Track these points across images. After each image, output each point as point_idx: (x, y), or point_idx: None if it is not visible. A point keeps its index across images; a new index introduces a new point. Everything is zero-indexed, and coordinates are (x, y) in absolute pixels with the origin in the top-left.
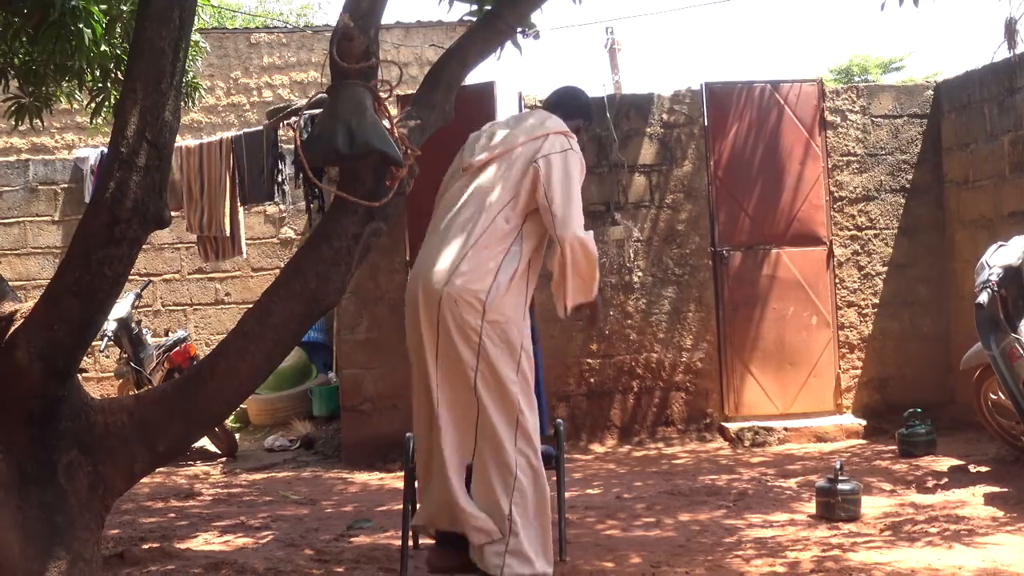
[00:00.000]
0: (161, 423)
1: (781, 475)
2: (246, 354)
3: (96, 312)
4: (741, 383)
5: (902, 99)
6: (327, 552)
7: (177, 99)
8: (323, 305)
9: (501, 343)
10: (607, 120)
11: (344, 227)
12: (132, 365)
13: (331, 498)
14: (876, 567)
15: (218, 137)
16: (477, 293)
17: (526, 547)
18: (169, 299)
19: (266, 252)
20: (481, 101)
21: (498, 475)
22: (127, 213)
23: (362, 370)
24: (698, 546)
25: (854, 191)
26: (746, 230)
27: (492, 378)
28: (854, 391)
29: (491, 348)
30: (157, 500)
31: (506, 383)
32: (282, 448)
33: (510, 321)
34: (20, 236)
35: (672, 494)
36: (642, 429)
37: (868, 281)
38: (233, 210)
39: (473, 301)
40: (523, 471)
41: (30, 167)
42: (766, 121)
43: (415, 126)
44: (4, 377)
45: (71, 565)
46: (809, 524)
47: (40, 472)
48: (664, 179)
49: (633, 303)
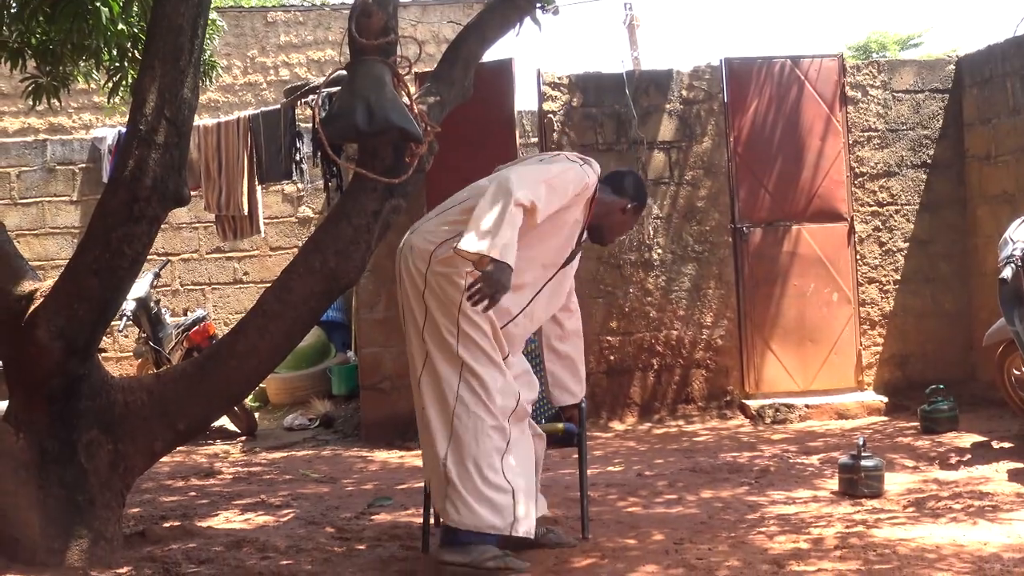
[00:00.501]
0: (181, 402)
1: (803, 452)
2: (266, 332)
3: (116, 290)
4: (761, 360)
5: (923, 74)
6: (348, 530)
7: (196, 76)
8: (343, 283)
9: (442, 294)
10: (626, 97)
11: (363, 204)
12: (151, 345)
13: (351, 476)
14: (900, 543)
15: (236, 116)
16: (429, 244)
17: (465, 496)
18: (187, 279)
19: (284, 231)
20: (499, 78)
21: (438, 421)
22: (146, 191)
23: (381, 348)
24: (721, 523)
25: (875, 167)
26: (766, 206)
27: (434, 328)
28: (875, 368)
29: (432, 298)
30: (177, 479)
31: (443, 333)
32: (301, 427)
33: (455, 275)
34: (38, 216)
35: (693, 471)
36: (662, 407)
37: (889, 257)
38: (251, 189)
39: (424, 250)
40: (459, 419)
41: (48, 147)
42: (786, 97)
43: (434, 102)
44: (25, 356)
45: (92, 543)
46: (832, 501)
47: (60, 451)
48: (684, 156)
49: (653, 280)
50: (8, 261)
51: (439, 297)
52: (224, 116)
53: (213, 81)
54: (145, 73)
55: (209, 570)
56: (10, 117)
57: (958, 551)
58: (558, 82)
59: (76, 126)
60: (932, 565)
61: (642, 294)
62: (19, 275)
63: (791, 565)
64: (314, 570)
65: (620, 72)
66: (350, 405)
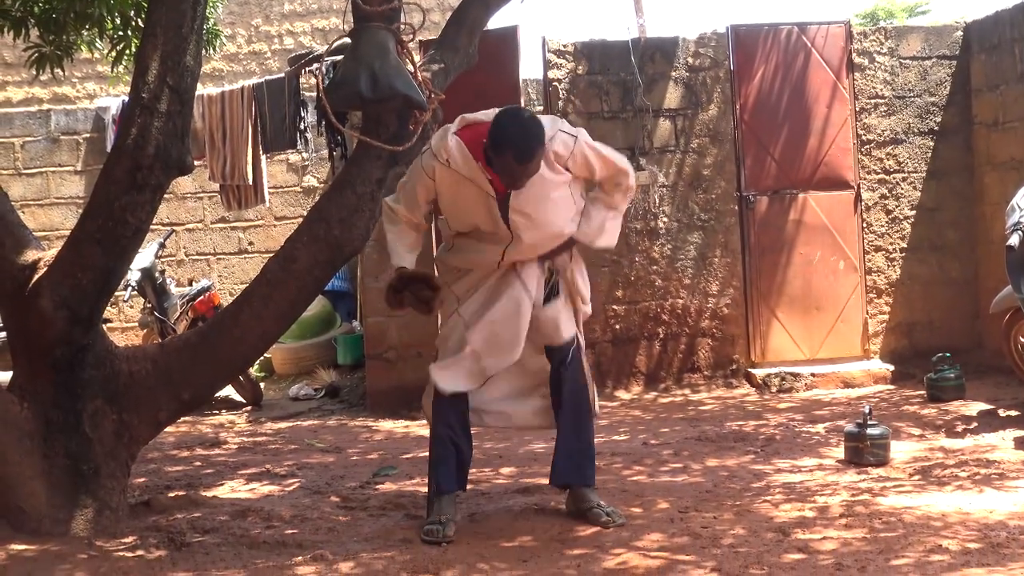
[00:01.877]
0: (186, 371)
1: (809, 421)
2: (270, 301)
3: (119, 260)
4: (767, 329)
5: (931, 40)
6: (353, 499)
7: (199, 44)
8: (347, 251)
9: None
10: (632, 64)
11: (368, 172)
12: (156, 315)
13: (356, 446)
14: (906, 511)
15: (240, 85)
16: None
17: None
18: (192, 248)
19: (288, 201)
20: (504, 45)
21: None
22: (149, 159)
23: (386, 318)
24: (726, 491)
25: (882, 134)
26: (772, 174)
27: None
28: (882, 336)
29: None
30: (183, 449)
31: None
32: (307, 397)
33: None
34: (43, 186)
35: (699, 440)
36: (668, 376)
37: (896, 225)
38: (255, 158)
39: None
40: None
41: (52, 117)
42: (793, 64)
43: (439, 70)
44: (28, 325)
45: (97, 513)
46: (838, 469)
47: (65, 421)
48: (689, 123)
49: (658, 249)
50: (11, 231)
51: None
52: (228, 85)
53: (217, 50)
54: (147, 40)
55: (214, 539)
56: (14, 87)
57: (964, 519)
58: (563, 49)
59: (80, 96)
60: (938, 533)
61: (648, 263)
62: (22, 245)
63: (796, 533)
64: (319, 539)
65: (626, 39)
66: (355, 375)
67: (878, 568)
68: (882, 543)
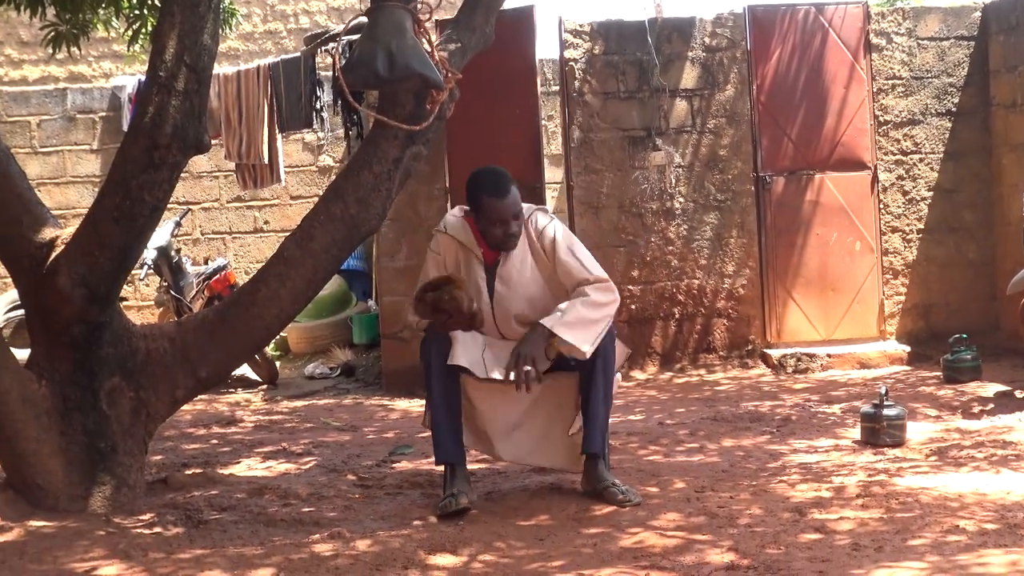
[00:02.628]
0: (203, 349)
1: (825, 401)
2: (287, 280)
3: (136, 238)
4: (783, 309)
5: (949, 21)
6: (369, 478)
7: (216, 22)
8: (363, 230)
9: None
10: (648, 44)
11: (384, 151)
12: (172, 293)
13: (372, 425)
14: (923, 491)
15: (256, 64)
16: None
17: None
18: (208, 227)
19: (304, 180)
20: (521, 25)
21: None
22: (166, 138)
23: (402, 297)
24: (742, 471)
25: (899, 115)
26: (789, 155)
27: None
28: (898, 317)
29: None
30: (199, 427)
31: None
32: (322, 376)
33: None
34: (59, 165)
35: (715, 420)
36: (684, 356)
37: (913, 206)
38: (271, 137)
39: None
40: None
41: (68, 96)
42: (810, 44)
43: (455, 49)
44: (46, 303)
45: (115, 490)
46: (854, 449)
47: (83, 398)
48: (706, 104)
49: (674, 229)
50: (29, 208)
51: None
52: (244, 64)
53: (233, 29)
54: (164, 19)
55: (231, 516)
56: (30, 65)
57: (980, 499)
58: (580, 29)
59: (96, 74)
60: (954, 513)
61: (664, 243)
62: (40, 223)
63: (813, 513)
64: (336, 517)
65: (642, 19)
66: (371, 354)
67: (895, 548)
68: (899, 523)
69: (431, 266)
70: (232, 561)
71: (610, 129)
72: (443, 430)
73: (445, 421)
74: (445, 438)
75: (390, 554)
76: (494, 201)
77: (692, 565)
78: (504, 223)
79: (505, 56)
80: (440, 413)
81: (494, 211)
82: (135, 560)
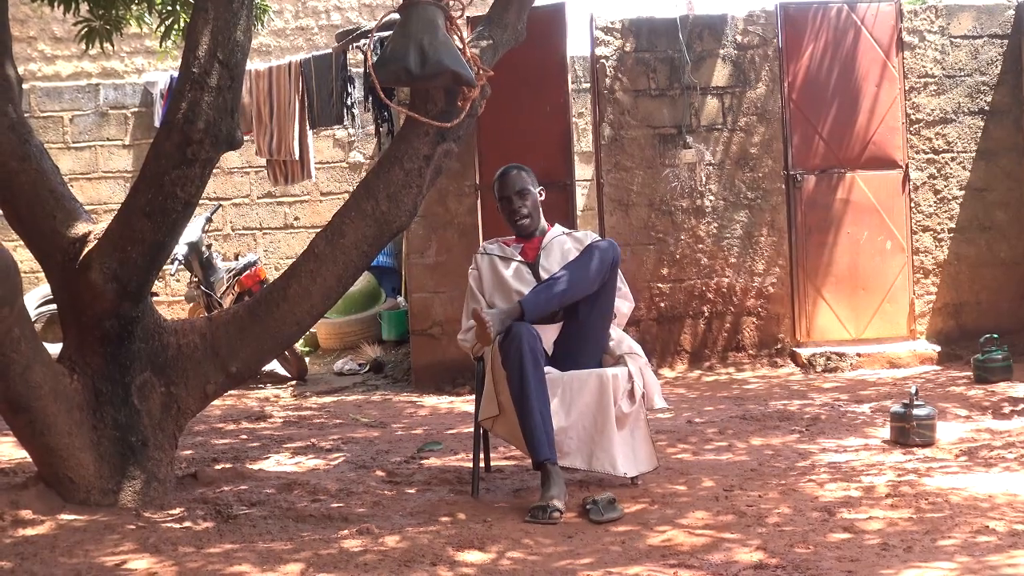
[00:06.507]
0: (233, 344)
1: (854, 400)
2: (317, 276)
3: (168, 233)
4: (813, 308)
5: (982, 19)
6: (398, 474)
7: (249, 18)
8: (394, 227)
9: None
10: (680, 42)
11: (416, 148)
12: (202, 289)
13: (401, 421)
14: (952, 492)
15: (287, 60)
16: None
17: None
18: (239, 223)
19: (335, 176)
20: (552, 22)
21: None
22: (199, 134)
23: (431, 294)
24: (771, 470)
25: (931, 113)
26: (820, 153)
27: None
28: (928, 317)
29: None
30: (229, 422)
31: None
32: (351, 372)
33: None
34: (91, 160)
35: (744, 419)
36: (712, 354)
37: (944, 205)
38: (302, 134)
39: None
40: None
41: (100, 91)
42: (842, 42)
43: (487, 46)
44: (79, 298)
45: (145, 484)
46: (883, 449)
47: (114, 392)
48: (737, 101)
49: (704, 227)
50: (62, 204)
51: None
52: (276, 60)
53: (265, 25)
54: (198, 15)
55: (260, 512)
56: (63, 61)
57: (1011, 500)
58: (611, 27)
59: (128, 70)
60: (985, 514)
61: (693, 241)
62: (73, 218)
63: (842, 512)
64: (365, 513)
65: (674, 17)
66: (400, 350)
67: (924, 548)
68: (928, 523)
69: (472, 285)
70: (261, 556)
71: (641, 126)
72: (539, 427)
73: (540, 417)
74: (541, 435)
75: (418, 550)
76: (497, 183)
77: (720, 564)
78: (507, 200)
79: (536, 53)
80: (536, 409)
81: (498, 190)
82: (165, 554)
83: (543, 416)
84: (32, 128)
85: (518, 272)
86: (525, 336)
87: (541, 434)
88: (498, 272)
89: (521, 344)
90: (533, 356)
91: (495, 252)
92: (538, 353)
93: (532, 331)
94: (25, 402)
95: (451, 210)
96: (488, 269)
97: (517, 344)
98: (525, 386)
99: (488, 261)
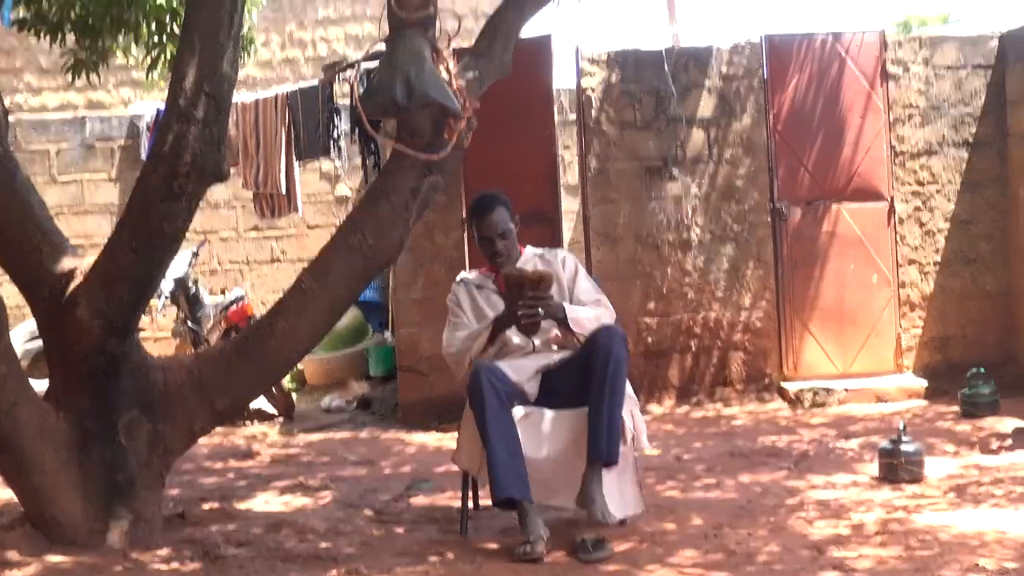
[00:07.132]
0: (221, 381)
1: (842, 436)
2: (305, 312)
3: (155, 268)
4: (800, 343)
5: (966, 50)
6: (387, 512)
7: (235, 50)
8: (381, 261)
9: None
10: (665, 73)
11: (402, 182)
12: (189, 325)
13: (389, 459)
14: (942, 529)
15: (273, 92)
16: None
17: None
18: (225, 257)
19: (321, 210)
20: (538, 54)
21: None
22: (186, 167)
23: (418, 329)
24: (760, 507)
25: (916, 145)
26: (806, 185)
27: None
28: (915, 351)
29: None
30: (216, 460)
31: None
32: (339, 408)
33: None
34: (77, 194)
35: (732, 455)
36: (700, 389)
37: (930, 238)
38: (289, 166)
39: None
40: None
41: (87, 124)
42: (827, 73)
43: (473, 78)
44: (65, 334)
45: (132, 524)
46: (872, 486)
47: (101, 430)
48: (723, 133)
49: (691, 260)
50: (49, 238)
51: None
52: (262, 92)
53: (251, 56)
54: (184, 47)
55: (248, 552)
56: (49, 92)
57: (1000, 537)
58: (596, 59)
59: (115, 102)
60: (974, 551)
61: (680, 274)
62: (59, 252)
63: (831, 550)
64: (353, 553)
65: (659, 48)
66: (387, 386)
67: None
68: (918, 561)
69: (451, 313)
70: None
71: (626, 159)
72: (504, 464)
73: (505, 453)
74: (506, 472)
75: None
76: (477, 221)
77: None
78: (488, 240)
79: (522, 85)
80: (498, 445)
81: (478, 230)
82: None
83: (510, 452)
84: (19, 162)
85: (491, 301)
86: (484, 373)
87: (504, 471)
88: (475, 300)
89: (481, 383)
90: (495, 391)
91: (473, 281)
92: (500, 391)
93: (495, 369)
94: (11, 441)
95: (438, 244)
96: (466, 296)
97: (478, 383)
98: (486, 423)
99: (465, 289)
